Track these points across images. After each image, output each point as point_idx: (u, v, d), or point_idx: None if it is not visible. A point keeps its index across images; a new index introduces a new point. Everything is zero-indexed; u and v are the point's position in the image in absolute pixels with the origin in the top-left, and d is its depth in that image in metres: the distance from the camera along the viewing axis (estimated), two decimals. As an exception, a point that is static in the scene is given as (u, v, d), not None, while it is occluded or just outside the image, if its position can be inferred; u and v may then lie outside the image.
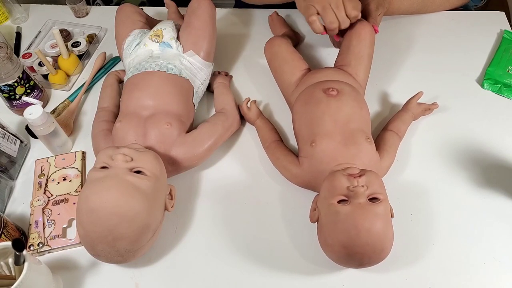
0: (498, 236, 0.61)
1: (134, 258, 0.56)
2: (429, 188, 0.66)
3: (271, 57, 0.76)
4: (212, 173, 0.69)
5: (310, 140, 0.62)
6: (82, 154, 0.71)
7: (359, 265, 0.54)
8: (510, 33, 0.86)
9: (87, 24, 0.94)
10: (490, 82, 0.78)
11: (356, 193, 0.52)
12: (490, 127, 0.72)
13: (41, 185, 0.67)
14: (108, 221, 0.51)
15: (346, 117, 0.62)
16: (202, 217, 0.64)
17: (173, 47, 0.71)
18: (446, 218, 0.63)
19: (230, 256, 0.60)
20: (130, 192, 0.53)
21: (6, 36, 0.93)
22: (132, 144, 0.60)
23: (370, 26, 0.72)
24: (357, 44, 0.71)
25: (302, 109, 0.66)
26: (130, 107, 0.66)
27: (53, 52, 0.85)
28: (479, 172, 0.67)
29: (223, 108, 0.72)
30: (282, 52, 0.75)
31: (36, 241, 0.61)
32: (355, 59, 0.71)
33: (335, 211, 0.52)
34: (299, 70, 0.73)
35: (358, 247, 0.51)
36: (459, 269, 0.58)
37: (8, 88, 0.72)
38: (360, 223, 0.51)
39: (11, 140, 0.69)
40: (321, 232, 0.56)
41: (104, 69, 0.85)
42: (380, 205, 0.52)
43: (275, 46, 0.76)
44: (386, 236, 0.52)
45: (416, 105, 0.72)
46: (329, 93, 0.64)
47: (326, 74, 0.69)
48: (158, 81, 0.67)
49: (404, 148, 0.69)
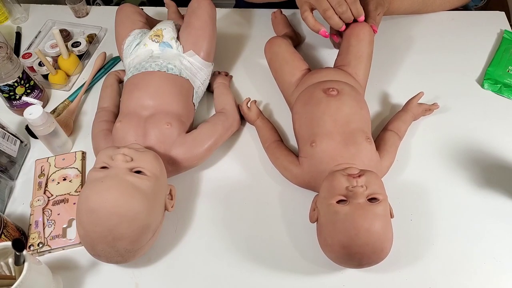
0: (498, 236, 0.61)
1: (134, 258, 0.56)
2: (429, 188, 0.66)
3: (271, 57, 0.76)
4: (212, 173, 0.69)
5: (310, 140, 0.62)
6: (82, 154, 0.71)
7: (358, 265, 0.54)
8: (510, 33, 0.86)
9: (87, 24, 0.94)
10: (490, 82, 0.78)
11: (356, 193, 0.52)
12: (490, 127, 0.72)
13: (41, 185, 0.67)
14: (108, 221, 0.51)
15: (346, 117, 0.62)
16: (202, 217, 0.64)
17: (173, 47, 0.71)
18: (446, 218, 0.63)
19: (230, 256, 0.60)
20: (130, 192, 0.53)
21: (6, 36, 0.93)
22: (132, 144, 0.60)
23: (368, 26, 0.72)
24: (356, 44, 0.71)
25: (302, 109, 0.66)
26: (130, 107, 0.66)
27: (53, 52, 0.85)
28: (479, 172, 0.67)
29: (223, 108, 0.72)
30: (282, 52, 0.75)
31: (36, 241, 0.61)
32: (354, 59, 0.71)
33: (334, 211, 0.52)
34: (299, 70, 0.73)
35: (357, 247, 0.51)
36: (459, 269, 0.58)
37: (8, 88, 0.72)
38: (360, 223, 0.51)
39: (11, 140, 0.69)
40: (320, 232, 0.56)
41: (104, 69, 0.85)
42: (380, 205, 0.52)
43: (275, 46, 0.76)
44: (385, 236, 0.52)
45: (416, 106, 0.72)
46: (329, 93, 0.64)
47: (326, 74, 0.69)
48: (158, 81, 0.67)
49: (404, 148, 0.69)
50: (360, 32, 0.71)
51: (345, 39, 0.73)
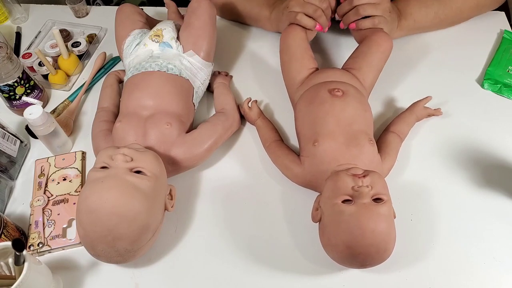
0: (498, 236, 0.61)
1: (134, 258, 0.56)
2: (429, 188, 0.66)
3: (283, 48, 0.74)
4: (212, 173, 0.69)
5: (312, 140, 0.62)
6: (82, 154, 0.71)
7: (361, 265, 0.54)
8: (510, 33, 0.86)
9: (87, 24, 0.94)
10: (490, 82, 0.78)
11: (361, 193, 0.52)
12: (490, 127, 0.72)
13: (41, 185, 0.67)
14: (108, 221, 0.51)
15: (350, 118, 0.62)
16: (202, 217, 0.64)
17: (173, 47, 0.71)
18: (446, 218, 0.63)
19: (230, 256, 0.60)
20: (130, 192, 0.53)
21: (6, 36, 0.93)
22: (132, 144, 0.60)
23: (391, 42, 0.72)
24: (374, 52, 0.71)
25: (306, 108, 0.66)
26: (130, 107, 0.66)
27: (53, 52, 0.85)
28: (479, 172, 0.67)
29: (223, 108, 0.72)
30: (294, 47, 0.73)
31: (36, 241, 0.61)
32: (367, 65, 0.70)
33: (339, 211, 0.52)
34: (307, 69, 0.72)
35: (362, 248, 0.51)
36: (459, 269, 0.58)
37: (8, 88, 0.72)
38: (365, 224, 0.51)
39: (11, 140, 0.69)
40: (324, 232, 0.56)
41: (104, 69, 0.85)
42: (384, 206, 0.52)
43: (289, 39, 0.73)
44: (389, 236, 0.52)
45: (422, 109, 0.71)
46: (334, 94, 0.63)
47: (333, 75, 0.69)
48: (158, 81, 0.67)
49: (404, 148, 0.69)
50: (383, 44, 0.71)
51: (365, 44, 0.72)
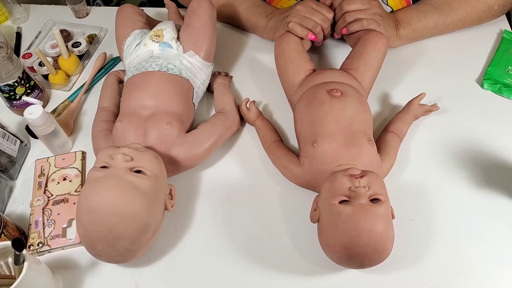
0: (498, 236, 0.61)
1: (134, 257, 0.56)
2: (429, 188, 0.66)
3: (278, 53, 0.75)
4: (212, 173, 0.69)
5: (311, 140, 0.62)
6: (82, 154, 0.71)
7: (359, 265, 0.54)
8: (510, 33, 0.86)
9: (87, 25, 0.94)
10: (490, 82, 0.78)
11: (358, 194, 0.52)
12: (490, 127, 0.72)
13: (41, 185, 0.67)
14: (108, 220, 0.51)
15: (349, 118, 0.62)
16: (202, 217, 0.64)
17: (173, 47, 0.71)
18: (446, 218, 0.63)
19: (230, 256, 0.60)
20: (130, 192, 0.53)
21: (6, 36, 0.93)
22: (132, 143, 0.61)
23: (386, 39, 0.72)
24: (370, 51, 0.71)
25: (305, 109, 0.66)
26: (130, 107, 0.66)
27: (53, 52, 0.85)
28: (479, 172, 0.67)
29: (223, 108, 0.72)
30: (289, 50, 0.74)
31: (36, 241, 0.61)
32: (364, 65, 0.71)
33: (336, 212, 0.52)
34: (304, 71, 0.72)
35: (359, 248, 0.51)
36: (459, 269, 0.58)
37: (8, 88, 0.72)
38: (362, 224, 0.50)
39: (11, 140, 0.69)
40: (321, 233, 0.56)
41: (104, 69, 0.85)
42: (382, 206, 0.52)
43: (283, 43, 0.75)
44: (387, 237, 0.52)
45: (418, 106, 0.71)
46: (333, 94, 0.64)
47: (331, 75, 0.69)
48: (158, 81, 0.67)
49: (404, 148, 0.69)
50: (378, 42, 0.71)
51: (361, 44, 0.73)
